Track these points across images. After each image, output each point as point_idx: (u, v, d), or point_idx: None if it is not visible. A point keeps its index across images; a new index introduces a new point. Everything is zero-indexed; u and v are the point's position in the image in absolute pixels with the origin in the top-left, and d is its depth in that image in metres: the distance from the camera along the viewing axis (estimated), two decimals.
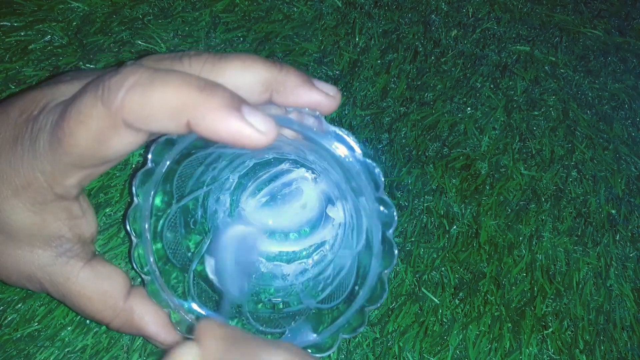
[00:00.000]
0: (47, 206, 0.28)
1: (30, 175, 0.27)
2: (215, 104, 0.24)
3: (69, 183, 0.27)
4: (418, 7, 0.51)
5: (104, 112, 0.24)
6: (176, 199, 0.31)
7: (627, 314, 0.41)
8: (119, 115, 0.24)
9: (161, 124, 0.24)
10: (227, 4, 0.47)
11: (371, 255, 0.28)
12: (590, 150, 0.47)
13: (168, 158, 0.28)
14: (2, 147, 0.27)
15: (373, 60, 0.47)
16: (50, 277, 0.28)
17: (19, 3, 0.43)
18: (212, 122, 0.24)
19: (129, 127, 0.25)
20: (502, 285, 0.40)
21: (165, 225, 0.31)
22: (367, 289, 0.29)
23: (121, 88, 0.24)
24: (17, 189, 0.27)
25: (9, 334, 0.33)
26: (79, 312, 0.30)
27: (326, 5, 0.49)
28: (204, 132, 0.24)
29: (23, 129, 0.27)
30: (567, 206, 0.45)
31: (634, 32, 0.55)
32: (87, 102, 0.25)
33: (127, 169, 0.39)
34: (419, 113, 0.46)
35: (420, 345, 0.37)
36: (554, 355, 0.39)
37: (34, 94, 0.28)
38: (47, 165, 0.26)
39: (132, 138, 0.25)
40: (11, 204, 0.27)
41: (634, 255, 0.44)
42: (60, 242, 0.28)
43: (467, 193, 0.43)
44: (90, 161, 0.26)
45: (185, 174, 0.31)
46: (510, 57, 0.51)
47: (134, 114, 0.24)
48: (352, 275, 0.31)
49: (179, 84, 0.24)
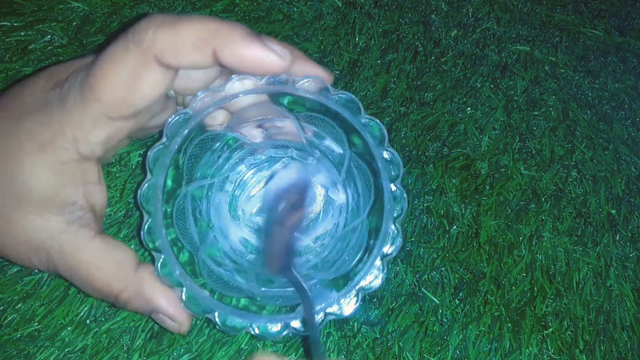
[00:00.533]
0: (67, 167, 0.28)
1: (57, 129, 0.27)
2: (239, 32, 0.27)
3: (97, 138, 0.28)
4: (418, 7, 0.51)
5: (135, 51, 0.26)
6: (185, 180, 0.31)
7: (627, 314, 0.41)
8: (151, 50, 0.26)
9: (190, 56, 0.27)
10: (227, 4, 0.47)
11: (382, 208, 0.29)
12: (590, 150, 0.47)
13: (183, 130, 0.29)
14: (30, 110, 0.28)
15: (373, 60, 0.47)
16: (60, 247, 0.28)
17: (19, 3, 0.43)
18: (238, 48, 0.27)
19: (159, 63, 0.26)
20: (502, 285, 0.40)
21: (175, 207, 0.31)
22: (382, 235, 0.29)
23: (150, 27, 0.26)
24: (42, 145, 0.27)
25: (9, 334, 0.34)
26: (87, 287, 0.29)
27: (326, 5, 0.49)
28: (230, 60, 0.27)
29: (52, 92, 0.28)
30: (567, 206, 0.45)
31: (634, 32, 0.55)
32: (119, 45, 0.27)
33: (127, 169, 0.39)
34: (419, 113, 0.46)
35: (420, 345, 0.37)
36: (554, 355, 0.39)
37: (62, 64, 0.30)
38: (77, 117, 0.27)
39: (160, 77, 0.27)
40: (32, 160, 0.27)
41: (634, 255, 0.44)
42: (73, 208, 0.28)
43: (467, 193, 0.43)
44: (120, 109, 0.27)
45: (196, 155, 0.32)
46: (510, 57, 0.51)
47: (165, 47, 0.26)
48: (363, 238, 0.32)
49: (203, 19, 0.27)
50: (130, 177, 0.38)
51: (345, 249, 0.33)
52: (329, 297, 0.29)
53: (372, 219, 0.31)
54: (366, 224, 0.32)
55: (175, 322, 0.30)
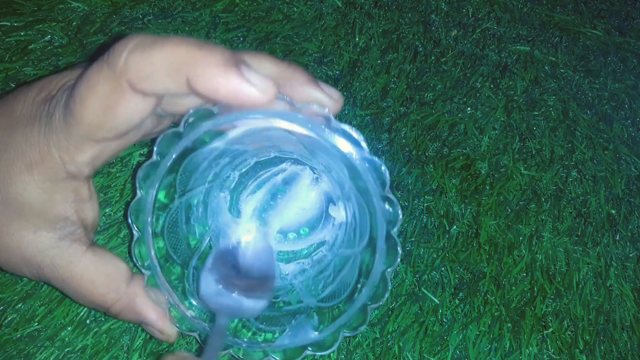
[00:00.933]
0: (57, 185, 0.28)
1: (45, 150, 0.27)
2: (214, 60, 0.24)
3: (82, 159, 0.27)
4: (418, 7, 0.51)
5: (109, 75, 0.25)
6: (179, 194, 0.31)
7: (627, 314, 0.41)
8: (123, 76, 0.25)
9: (162, 83, 0.25)
10: (227, 4, 0.47)
11: (374, 253, 0.28)
12: (590, 150, 0.47)
13: (173, 151, 0.28)
14: (19, 123, 0.28)
15: (373, 60, 0.47)
16: (52, 261, 0.28)
17: (19, 3, 0.43)
18: (211, 79, 0.24)
19: (133, 89, 0.25)
20: (502, 285, 0.40)
21: (167, 220, 0.31)
22: (370, 287, 0.28)
23: (124, 50, 0.25)
24: (31, 164, 0.27)
25: (9, 334, 0.34)
26: (79, 298, 0.30)
27: (326, 5, 0.49)
28: (203, 90, 0.25)
29: (41, 107, 0.28)
30: (567, 206, 0.45)
31: (634, 32, 0.55)
32: (95, 68, 0.26)
33: (127, 169, 0.39)
34: (419, 113, 0.46)
35: (420, 345, 0.37)
36: (554, 355, 0.39)
37: (54, 76, 0.29)
38: (62, 138, 0.27)
39: (138, 103, 0.26)
40: (23, 179, 0.27)
41: (634, 255, 0.44)
42: (64, 224, 0.29)
43: (467, 193, 0.43)
44: (101, 131, 0.26)
45: (189, 169, 0.31)
46: (510, 57, 0.51)
47: (136, 74, 0.25)
48: (354, 274, 0.31)
49: (178, 42, 0.25)
50: (130, 177, 0.38)
51: (337, 276, 0.33)
52: (309, 335, 0.30)
53: (365, 257, 0.31)
54: (359, 259, 0.32)
55: (164, 335, 0.31)
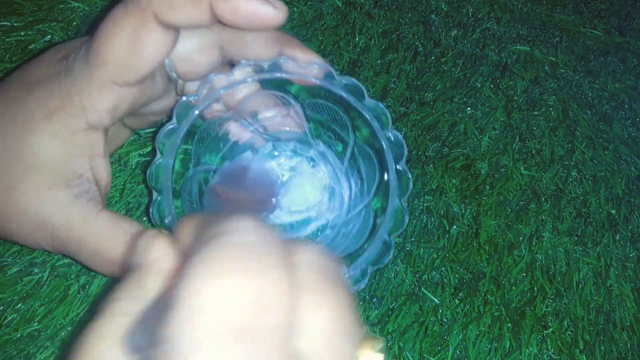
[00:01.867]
0: (76, 137, 0.28)
1: (66, 96, 0.27)
2: None
3: (102, 105, 0.28)
4: (418, 7, 0.51)
5: (134, 11, 0.26)
6: (193, 163, 0.32)
7: (627, 314, 0.41)
8: (148, 8, 0.26)
9: (187, 12, 0.27)
10: None
11: (387, 190, 0.29)
12: (590, 150, 0.47)
13: (191, 116, 0.29)
14: (38, 81, 0.28)
15: (373, 60, 0.47)
16: (67, 219, 0.28)
17: (19, 3, 0.43)
18: (232, 1, 0.26)
19: (158, 20, 0.27)
20: (502, 285, 0.40)
21: (183, 188, 0.31)
22: (388, 217, 0.29)
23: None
24: (51, 112, 0.27)
25: (9, 334, 0.33)
26: (96, 257, 0.29)
27: (326, 5, 0.49)
28: (225, 12, 0.27)
29: (59, 64, 0.29)
30: (567, 206, 0.45)
31: (634, 32, 0.55)
32: (118, 9, 0.27)
33: (126, 169, 0.39)
34: (419, 113, 0.46)
35: (420, 345, 0.37)
36: (554, 355, 0.39)
37: (69, 41, 0.30)
38: (83, 84, 0.27)
39: (161, 37, 0.27)
40: (41, 128, 0.27)
41: (634, 255, 0.44)
42: (80, 181, 0.28)
43: (467, 193, 0.43)
44: (124, 71, 0.27)
45: (202, 139, 0.32)
46: (510, 57, 0.51)
47: (162, 4, 0.26)
48: (369, 220, 0.32)
49: None
50: (130, 177, 0.38)
51: (350, 233, 0.33)
52: None
53: (378, 200, 0.32)
54: (372, 205, 0.32)
55: None
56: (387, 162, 0.29)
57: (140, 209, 0.38)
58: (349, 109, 0.31)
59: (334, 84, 0.30)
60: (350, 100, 0.30)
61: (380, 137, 0.30)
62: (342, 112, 0.32)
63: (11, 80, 0.30)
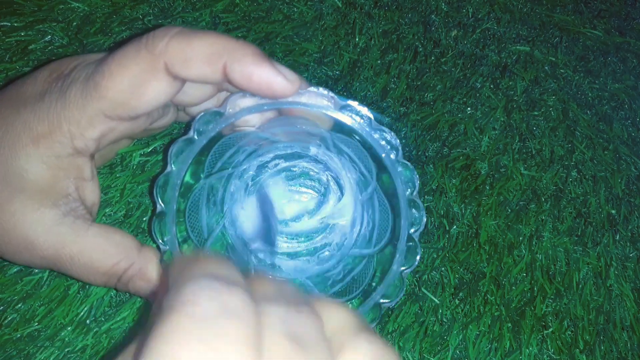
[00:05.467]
0: (62, 161, 0.28)
1: (54, 122, 0.27)
2: (250, 52, 0.27)
3: (91, 135, 0.28)
4: (418, 7, 0.51)
5: (147, 56, 0.27)
6: (205, 174, 0.32)
7: (627, 314, 0.41)
8: (162, 57, 0.26)
9: (199, 68, 0.27)
10: (227, 4, 0.47)
11: (394, 253, 0.29)
12: (590, 150, 0.47)
13: (212, 129, 0.29)
14: (28, 101, 0.28)
15: (373, 60, 0.47)
16: (57, 238, 0.28)
17: (19, 3, 0.43)
18: (248, 66, 0.27)
19: (168, 71, 0.27)
20: (502, 285, 0.40)
21: (191, 199, 0.31)
22: (386, 284, 0.29)
23: (167, 35, 0.27)
24: (38, 138, 0.27)
25: (9, 334, 0.34)
26: (89, 273, 0.29)
27: (326, 6, 0.49)
28: (238, 77, 0.27)
29: (52, 84, 0.28)
30: (567, 206, 0.45)
31: (634, 32, 0.55)
32: (131, 48, 0.27)
33: (127, 169, 0.39)
34: (419, 113, 0.46)
35: (420, 345, 0.37)
36: (554, 355, 0.39)
37: (64, 59, 0.30)
38: (75, 112, 0.27)
39: (166, 86, 0.27)
40: (27, 152, 0.27)
41: (634, 255, 0.44)
42: (66, 200, 0.29)
43: (467, 193, 0.43)
44: (121, 109, 0.27)
45: (219, 152, 0.32)
46: (510, 57, 0.51)
47: (176, 57, 0.26)
48: (367, 273, 0.32)
49: (218, 35, 0.27)
50: (131, 177, 0.38)
51: (348, 275, 0.33)
52: None
53: (382, 257, 0.31)
54: (374, 259, 0.32)
55: None
56: (402, 229, 0.29)
57: (141, 208, 0.38)
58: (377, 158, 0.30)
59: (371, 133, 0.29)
60: (387, 163, 0.29)
61: (402, 207, 0.29)
62: (369, 157, 0.31)
63: (4, 97, 0.30)
